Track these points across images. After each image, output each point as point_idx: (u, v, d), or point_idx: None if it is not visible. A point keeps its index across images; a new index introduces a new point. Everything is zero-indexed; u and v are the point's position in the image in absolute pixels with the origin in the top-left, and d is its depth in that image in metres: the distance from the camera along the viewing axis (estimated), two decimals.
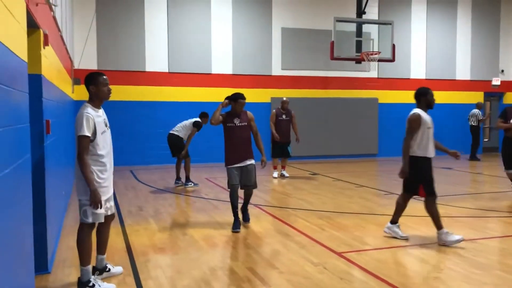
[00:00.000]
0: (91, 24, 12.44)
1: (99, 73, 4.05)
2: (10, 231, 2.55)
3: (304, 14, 14.73)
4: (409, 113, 5.85)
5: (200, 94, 13.64)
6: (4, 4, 2.50)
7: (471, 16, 16.85)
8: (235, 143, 6.07)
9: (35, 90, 4.12)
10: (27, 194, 3.25)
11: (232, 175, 6.03)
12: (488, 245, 5.43)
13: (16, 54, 2.85)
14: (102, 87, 3.97)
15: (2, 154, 2.42)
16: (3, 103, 2.45)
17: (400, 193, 5.90)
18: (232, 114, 6.14)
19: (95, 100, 3.99)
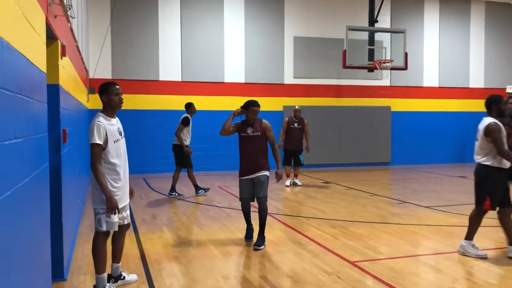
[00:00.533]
0: (106, 35, 12.62)
1: (111, 82, 4.13)
2: (30, 239, 2.61)
3: (316, 23, 14.79)
4: (483, 122, 5.39)
5: (213, 102, 13.74)
6: (25, 17, 2.57)
7: (485, 23, 16.75)
8: (246, 153, 5.78)
9: (53, 100, 4.21)
10: (45, 202, 3.32)
11: (242, 187, 5.82)
12: (506, 254, 5.36)
13: (36, 65, 2.93)
14: (113, 96, 4.03)
15: (23, 163, 2.48)
16: (24, 114, 2.51)
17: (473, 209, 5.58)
18: (245, 123, 5.83)
19: (107, 109, 4.07)
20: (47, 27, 3.59)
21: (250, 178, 5.74)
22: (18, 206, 2.29)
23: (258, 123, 5.79)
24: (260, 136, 5.76)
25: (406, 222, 7.03)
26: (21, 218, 2.35)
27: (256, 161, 5.72)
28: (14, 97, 2.25)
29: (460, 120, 16.45)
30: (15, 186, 2.22)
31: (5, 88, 2.05)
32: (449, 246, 5.72)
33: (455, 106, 16.50)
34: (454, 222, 7.04)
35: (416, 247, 5.80)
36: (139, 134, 12.82)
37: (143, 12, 13.27)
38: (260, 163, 5.73)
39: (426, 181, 11.97)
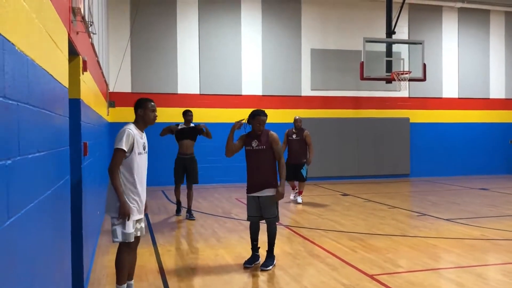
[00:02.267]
0: (126, 49, 12.86)
1: (148, 99, 4.25)
2: (51, 251, 2.66)
3: (333, 35, 14.83)
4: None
5: (231, 115, 13.81)
6: (48, 34, 2.66)
7: (505, 32, 16.57)
8: (252, 168, 5.33)
9: (74, 114, 4.30)
10: (66, 215, 3.38)
11: (249, 205, 5.41)
12: None
13: (58, 81, 3.02)
14: (149, 112, 4.16)
15: (45, 176, 2.54)
16: (47, 128, 2.59)
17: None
18: (250, 136, 5.39)
19: (140, 123, 4.18)
20: (69, 43, 3.69)
21: (256, 196, 5.32)
22: (40, 218, 2.34)
23: (264, 136, 5.32)
24: (266, 150, 5.27)
25: (425, 235, 6.93)
26: (43, 230, 2.41)
27: (261, 177, 5.26)
28: (38, 112, 2.32)
29: (480, 131, 16.22)
30: (38, 199, 2.28)
31: (29, 104, 2.11)
32: (470, 259, 5.61)
33: (475, 117, 16.28)
34: (476, 235, 6.91)
35: (436, 260, 5.71)
36: (158, 147, 12.91)
37: (162, 26, 13.50)
38: (265, 180, 5.25)
39: (446, 193, 11.79)
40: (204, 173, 9.42)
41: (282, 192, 5.23)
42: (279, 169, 5.33)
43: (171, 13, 13.58)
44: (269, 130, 5.37)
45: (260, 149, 5.28)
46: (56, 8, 2.93)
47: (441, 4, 15.66)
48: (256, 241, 5.46)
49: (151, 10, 13.35)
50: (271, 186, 5.26)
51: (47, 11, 2.63)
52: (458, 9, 15.93)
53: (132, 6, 13.15)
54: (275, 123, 12.45)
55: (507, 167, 16.50)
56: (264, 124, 5.34)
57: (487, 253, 6.05)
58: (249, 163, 5.38)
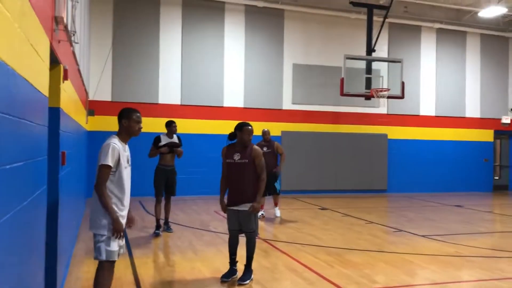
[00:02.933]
0: (107, 57, 12.79)
1: (134, 109, 4.02)
2: (26, 263, 2.61)
3: (315, 50, 15.03)
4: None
5: (212, 126, 13.82)
6: (30, 43, 2.64)
7: (480, 53, 17.05)
8: (232, 182, 5.27)
9: (54, 123, 4.25)
10: (41, 225, 3.32)
11: (228, 218, 5.35)
12: (501, 286, 5.35)
13: (39, 90, 2.99)
14: (134, 123, 3.94)
15: (22, 187, 2.50)
16: (25, 138, 2.55)
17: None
18: (233, 148, 5.30)
19: (124, 134, 3.96)
20: (50, 52, 3.66)
21: (235, 210, 5.25)
22: (14, 229, 2.30)
23: (248, 149, 5.26)
24: (248, 164, 5.20)
25: (402, 251, 7.01)
26: (16, 241, 2.37)
27: (242, 191, 5.20)
28: (17, 122, 2.29)
29: (456, 149, 16.58)
30: (13, 210, 2.24)
31: (9, 114, 2.09)
32: (445, 276, 5.69)
33: (451, 135, 16.64)
34: (451, 251, 7.03)
35: (412, 276, 5.78)
36: (137, 157, 12.78)
37: (144, 36, 13.47)
38: (246, 194, 5.19)
39: (422, 210, 11.96)
40: (183, 184, 9.33)
41: (257, 207, 5.21)
42: (257, 183, 5.25)
43: (154, 23, 13.57)
44: (253, 144, 5.35)
45: (243, 162, 5.19)
46: (38, 17, 2.91)
47: (420, 24, 16.05)
48: (235, 255, 5.41)
49: (134, 19, 13.33)
50: (252, 200, 5.19)
51: (30, 20, 2.62)
52: (437, 29, 16.34)
53: (115, 15, 13.11)
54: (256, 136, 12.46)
55: (482, 184, 16.86)
56: (252, 134, 5.28)
57: (461, 269, 6.15)
58: (230, 176, 5.28)
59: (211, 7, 14.04)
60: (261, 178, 5.26)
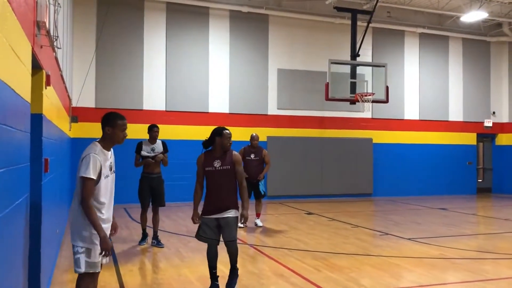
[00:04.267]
0: (91, 63, 12.68)
1: (119, 115, 3.76)
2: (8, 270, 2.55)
3: (299, 56, 15.10)
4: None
5: (197, 132, 13.75)
6: (12, 48, 2.60)
7: (462, 57, 17.32)
8: (212, 190, 5.03)
9: (36, 130, 4.18)
10: (24, 233, 3.26)
11: (206, 226, 5.03)
12: (484, 287, 5.40)
13: (20, 95, 2.94)
14: (118, 131, 3.69)
15: (4, 194, 2.45)
16: (7, 144, 2.50)
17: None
18: (211, 155, 5.08)
19: (107, 141, 3.70)
20: (32, 57, 3.61)
21: (215, 218, 5.01)
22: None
23: (227, 156, 5.07)
24: (229, 171, 5.02)
25: (388, 254, 7.04)
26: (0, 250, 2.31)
27: (223, 199, 4.99)
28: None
29: (440, 152, 16.77)
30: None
31: None
32: (431, 278, 5.73)
33: (435, 138, 16.83)
34: (436, 254, 7.08)
35: (398, 279, 5.80)
36: (121, 164, 12.68)
37: (128, 41, 13.40)
38: (227, 202, 5.00)
39: (407, 213, 12.06)
40: (169, 191, 9.19)
41: (247, 215, 5.03)
42: (240, 191, 5.10)
43: (138, 28, 13.51)
44: (233, 150, 5.15)
45: (223, 169, 5.00)
46: (20, 22, 2.87)
47: (403, 29, 16.25)
48: (215, 269, 5.14)
49: (118, 25, 13.25)
50: (233, 207, 5.01)
51: (11, 25, 2.58)
52: (419, 34, 16.56)
53: (98, 20, 13.01)
54: (242, 141, 12.45)
55: (466, 187, 17.07)
56: (231, 140, 5.11)
57: (446, 272, 6.20)
58: (210, 184, 5.04)
59: (196, 12, 14.03)
60: (242, 185, 5.11)
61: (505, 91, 17.77)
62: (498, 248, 7.70)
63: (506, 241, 8.35)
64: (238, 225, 8.45)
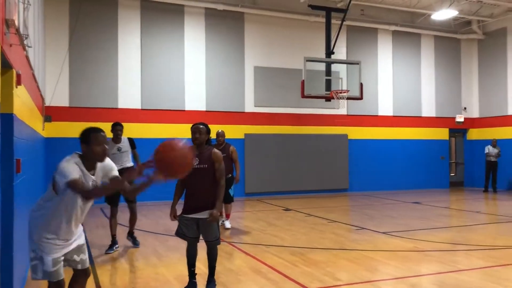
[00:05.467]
0: (64, 62, 12.47)
1: (94, 129, 3.38)
2: None
3: (275, 53, 15.16)
4: None
5: (174, 130, 13.69)
6: None
7: (434, 54, 17.67)
8: (191, 188, 4.94)
9: (7, 130, 4.11)
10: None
11: (185, 225, 4.95)
12: (458, 278, 5.55)
13: None
14: (95, 146, 3.31)
15: None
16: None
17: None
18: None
19: (86, 160, 3.35)
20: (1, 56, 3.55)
21: (194, 218, 4.91)
22: None
23: (206, 153, 4.93)
24: (207, 169, 4.88)
25: (363, 248, 7.17)
26: None
27: (202, 197, 4.88)
28: None
29: (414, 147, 17.10)
30: None
31: None
32: (405, 271, 5.86)
33: (409, 134, 17.15)
34: (410, 247, 7.24)
35: (373, 272, 5.91)
36: None
37: (102, 39, 13.22)
38: (206, 201, 4.88)
39: (382, 207, 12.27)
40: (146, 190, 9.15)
41: (216, 215, 4.88)
42: (216, 189, 4.92)
43: (112, 26, 13.34)
44: (213, 147, 5.02)
45: (201, 168, 4.84)
46: None
47: (376, 26, 16.48)
48: (194, 267, 5.08)
49: (91, 22, 13.06)
50: (212, 207, 4.87)
51: None
52: (392, 31, 16.82)
53: (71, 18, 12.80)
54: None
55: (439, 181, 17.46)
56: (202, 134, 4.91)
57: (420, 264, 6.35)
58: (188, 183, 4.92)
59: (171, 10, 13.93)
60: (220, 184, 4.93)
61: (475, 87, 18.22)
62: (470, 240, 7.92)
63: (477, 233, 8.60)
64: (226, 226, 8.29)
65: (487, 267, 6.02)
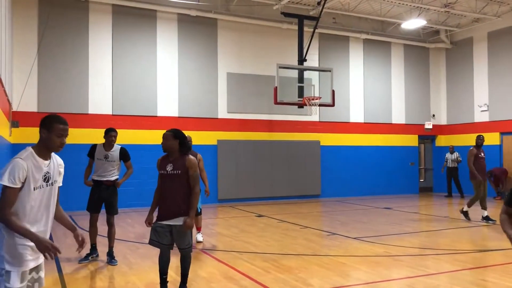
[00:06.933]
0: (32, 66, 12.20)
1: (60, 119, 3.19)
2: None
3: (248, 60, 15.22)
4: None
5: (145, 136, 13.55)
6: None
7: (404, 62, 18.08)
8: (165, 194, 4.91)
9: None
10: None
11: (156, 231, 4.89)
12: (427, 282, 5.66)
13: None
14: (54, 136, 3.11)
15: None
16: None
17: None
18: (167, 159, 4.97)
19: (42, 147, 3.12)
20: None
21: (167, 224, 4.87)
22: None
23: (181, 159, 4.90)
24: (181, 175, 4.85)
25: (335, 254, 7.23)
26: None
27: (174, 204, 4.84)
28: None
29: (384, 154, 17.41)
30: None
31: None
32: (376, 276, 5.94)
33: (379, 140, 17.45)
34: (380, 252, 7.35)
35: (344, 278, 5.97)
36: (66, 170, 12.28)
37: (73, 43, 13.00)
38: (179, 208, 4.84)
39: (354, 213, 12.42)
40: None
41: (190, 223, 4.82)
42: (191, 198, 4.88)
43: (83, 30, 13.13)
44: (189, 154, 4.96)
45: (175, 174, 4.84)
46: None
47: (348, 35, 16.75)
48: (166, 275, 5.02)
49: (61, 26, 12.83)
50: (186, 214, 4.84)
51: None
52: (363, 40, 17.13)
53: (40, 22, 12.55)
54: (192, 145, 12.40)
55: (409, 187, 17.82)
56: (169, 140, 4.89)
57: (391, 269, 6.45)
58: (163, 189, 4.92)
59: (143, 15, 13.83)
60: (194, 191, 4.88)
61: (443, 95, 18.72)
62: (438, 244, 8.10)
63: (445, 238, 8.80)
64: (198, 239, 7.88)
65: (454, 271, 6.16)
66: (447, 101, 18.60)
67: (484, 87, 16.96)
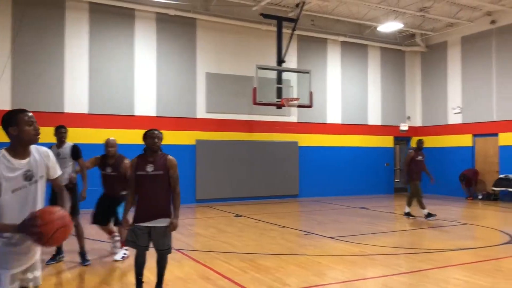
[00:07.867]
0: (6, 64, 11.95)
1: (20, 110, 3.01)
2: None
3: (227, 60, 15.22)
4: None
5: (122, 136, 13.38)
6: None
7: (380, 65, 18.36)
8: (144, 196, 4.82)
9: None
10: None
11: (134, 233, 4.84)
12: (400, 280, 5.78)
13: None
14: (25, 126, 2.93)
15: None
16: None
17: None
18: (145, 159, 4.86)
19: (16, 145, 2.94)
20: None
21: (147, 226, 4.81)
22: None
23: (161, 159, 4.85)
24: (162, 176, 4.80)
25: (312, 253, 7.31)
26: None
27: (156, 206, 4.81)
28: None
29: (361, 154, 17.65)
30: None
31: None
32: (351, 274, 6.04)
33: (356, 141, 17.68)
34: (356, 251, 7.46)
35: (320, 277, 6.05)
36: None
37: (48, 41, 12.78)
38: (160, 209, 4.82)
39: (331, 213, 12.57)
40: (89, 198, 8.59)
41: (176, 224, 4.83)
42: (173, 198, 4.86)
43: (59, 28, 12.92)
44: (167, 154, 4.92)
45: (156, 174, 4.77)
46: None
47: (326, 37, 16.92)
48: (141, 276, 4.99)
49: (36, 24, 12.60)
50: (166, 215, 4.83)
51: None
52: (341, 42, 17.33)
53: (14, 19, 12.30)
54: (170, 145, 12.31)
55: (384, 187, 18.11)
56: (160, 140, 4.86)
57: (366, 268, 6.57)
58: (141, 190, 4.82)
59: (121, 13, 13.69)
60: (176, 192, 4.87)
61: (418, 98, 19.08)
62: (411, 243, 8.27)
63: (417, 237, 8.99)
64: (116, 258, 7.00)
65: (426, 269, 6.31)
66: (422, 103, 18.97)
67: (457, 90, 17.36)
